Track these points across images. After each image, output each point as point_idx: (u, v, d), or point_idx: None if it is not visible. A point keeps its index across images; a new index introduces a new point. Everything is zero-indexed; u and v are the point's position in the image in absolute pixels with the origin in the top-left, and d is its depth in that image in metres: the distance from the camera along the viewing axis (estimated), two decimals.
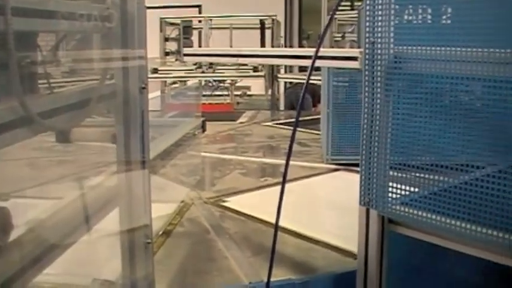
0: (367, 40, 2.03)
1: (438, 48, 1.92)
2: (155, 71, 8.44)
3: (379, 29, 2.01)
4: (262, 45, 9.18)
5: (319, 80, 5.47)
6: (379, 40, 2.01)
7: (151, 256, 2.05)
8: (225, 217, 3.47)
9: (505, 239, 1.77)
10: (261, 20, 9.38)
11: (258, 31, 9.46)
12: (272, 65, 8.56)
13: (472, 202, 1.83)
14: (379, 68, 2.01)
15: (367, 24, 2.03)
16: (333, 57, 2.99)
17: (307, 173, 4.48)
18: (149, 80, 1.92)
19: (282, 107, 9.70)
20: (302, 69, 10.37)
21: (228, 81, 9.50)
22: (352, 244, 2.40)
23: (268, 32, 9.34)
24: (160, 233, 3.13)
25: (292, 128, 2.18)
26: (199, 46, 9.41)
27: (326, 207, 3.45)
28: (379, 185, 2.10)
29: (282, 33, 10.94)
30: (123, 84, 1.82)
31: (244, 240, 3.04)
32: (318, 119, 5.57)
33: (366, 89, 2.06)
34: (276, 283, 2.45)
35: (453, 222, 1.91)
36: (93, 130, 2.32)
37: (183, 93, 6.07)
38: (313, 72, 2.23)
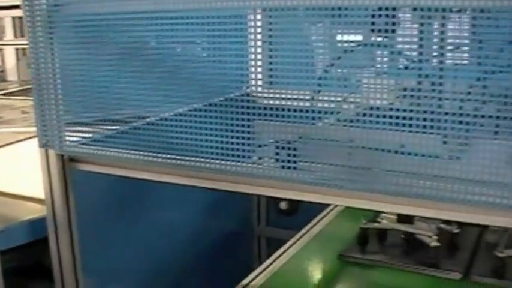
0: None
1: None
2: None
3: None
4: None
5: None
6: None
7: None
8: None
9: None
10: None
11: None
12: None
13: (147, 135, 2.21)
14: (38, 13, 2.25)
15: None
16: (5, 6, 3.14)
17: (21, 138, 4.73)
18: None
19: (13, 77, 9.31)
20: None
21: None
22: None
23: None
24: None
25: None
26: None
27: (34, 167, 3.73)
28: (54, 125, 2.39)
29: None
30: None
31: None
32: None
33: (30, 35, 2.31)
34: None
35: (132, 153, 2.25)
36: None
37: None
38: None
